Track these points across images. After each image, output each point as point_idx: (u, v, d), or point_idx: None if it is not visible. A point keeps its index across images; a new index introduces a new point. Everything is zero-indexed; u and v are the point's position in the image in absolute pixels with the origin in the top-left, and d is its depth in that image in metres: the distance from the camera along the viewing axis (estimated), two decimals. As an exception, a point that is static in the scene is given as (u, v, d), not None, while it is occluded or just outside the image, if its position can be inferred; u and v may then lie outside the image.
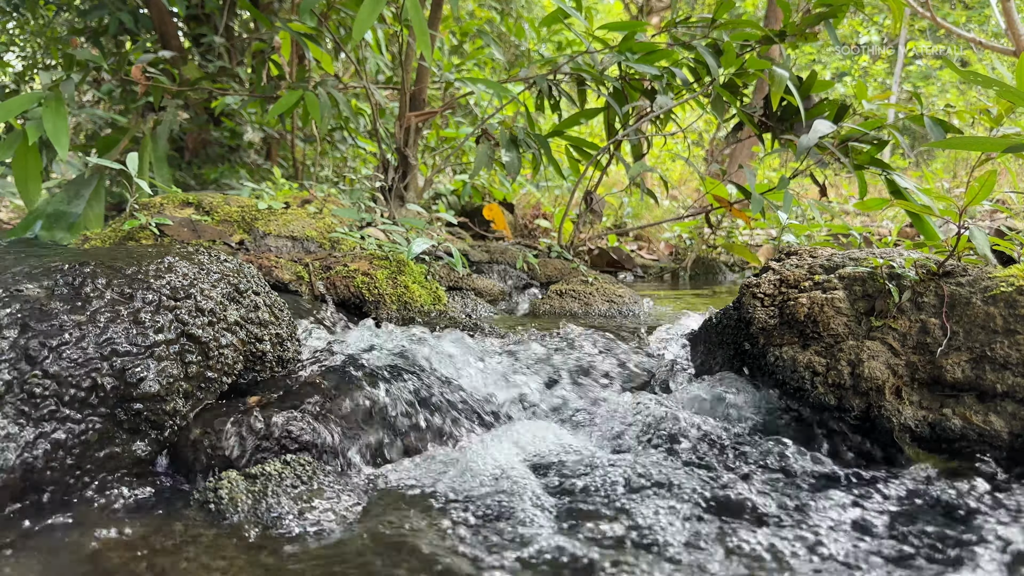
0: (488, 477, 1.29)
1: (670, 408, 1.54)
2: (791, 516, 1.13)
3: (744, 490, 1.21)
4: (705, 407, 1.62)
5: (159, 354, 1.32)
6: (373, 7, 2.67)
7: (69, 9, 6.06)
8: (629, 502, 1.16)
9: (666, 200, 8.05)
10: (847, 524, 1.10)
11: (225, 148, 5.68)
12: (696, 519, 1.11)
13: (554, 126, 3.76)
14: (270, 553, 1.00)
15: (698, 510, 1.14)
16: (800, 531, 1.08)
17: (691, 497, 1.19)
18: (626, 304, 2.88)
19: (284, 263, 2.49)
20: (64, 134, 2.90)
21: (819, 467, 1.33)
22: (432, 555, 1.00)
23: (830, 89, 3.25)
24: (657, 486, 1.23)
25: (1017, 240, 1.94)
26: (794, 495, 1.21)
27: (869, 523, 1.10)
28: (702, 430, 1.46)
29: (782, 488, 1.24)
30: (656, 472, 1.27)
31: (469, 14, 7.29)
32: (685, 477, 1.26)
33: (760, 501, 1.17)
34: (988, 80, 1.62)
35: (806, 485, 1.26)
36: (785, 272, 1.72)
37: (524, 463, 1.34)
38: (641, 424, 1.51)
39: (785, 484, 1.26)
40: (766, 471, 1.32)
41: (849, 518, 1.12)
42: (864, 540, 1.06)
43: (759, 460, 1.36)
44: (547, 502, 1.17)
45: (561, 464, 1.34)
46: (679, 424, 1.48)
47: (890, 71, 16.06)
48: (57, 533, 1.06)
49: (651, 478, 1.26)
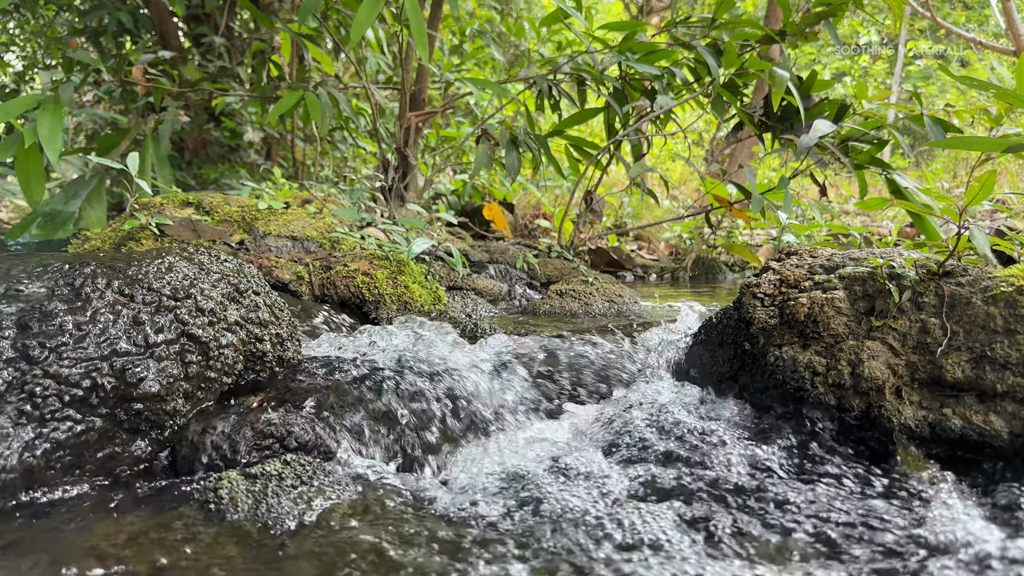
0: (490, 478, 1.29)
1: (670, 408, 1.54)
2: (791, 516, 1.13)
3: (743, 490, 1.21)
4: (705, 407, 1.62)
5: (159, 354, 1.32)
6: (372, 7, 2.67)
7: (69, 9, 6.06)
8: (614, 519, 1.16)
9: (666, 200, 8.05)
10: (847, 524, 1.10)
11: (225, 148, 5.68)
12: (696, 518, 1.11)
13: (554, 126, 3.76)
14: (270, 553, 1.00)
15: (696, 508, 1.14)
16: (800, 530, 1.08)
17: (689, 496, 1.19)
18: (626, 304, 2.88)
19: (284, 263, 2.49)
20: (57, 139, 2.90)
21: (819, 467, 1.33)
22: (433, 555, 1.00)
23: (830, 89, 3.25)
24: (655, 485, 1.23)
25: (1017, 240, 1.94)
26: (794, 495, 1.21)
27: (869, 523, 1.11)
28: (701, 430, 1.46)
29: (782, 488, 1.24)
30: (655, 471, 1.27)
31: (469, 14, 7.29)
32: (684, 476, 1.26)
33: (759, 502, 1.17)
34: (985, 84, 1.62)
35: (805, 485, 1.26)
36: (785, 272, 1.72)
37: (527, 464, 1.34)
38: (636, 425, 1.51)
39: (785, 484, 1.26)
40: (766, 471, 1.32)
41: (849, 518, 1.12)
42: (864, 539, 1.06)
43: (758, 460, 1.36)
44: (554, 508, 1.17)
45: (565, 467, 1.34)
46: (678, 424, 1.48)
47: (890, 71, 16.06)
48: (57, 533, 1.06)
49: (647, 479, 1.25)
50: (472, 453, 1.43)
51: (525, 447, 1.45)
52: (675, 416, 1.51)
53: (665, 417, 1.51)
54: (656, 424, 1.49)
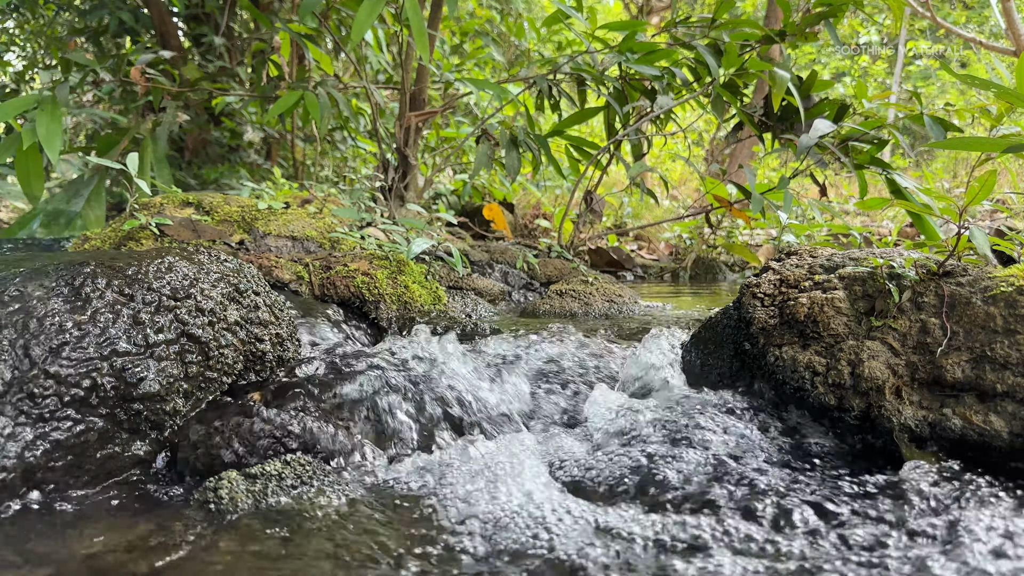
0: (491, 479, 1.29)
1: (669, 408, 1.54)
2: (790, 515, 1.13)
3: (742, 489, 1.21)
4: (703, 407, 1.62)
5: (159, 354, 1.32)
6: (372, 7, 2.67)
7: (69, 9, 6.06)
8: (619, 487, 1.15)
9: (666, 200, 8.05)
10: (846, 524, 1.10)
11: (225, 148, 5.68)
12: (693, 515, 1.11)
13: (554, 126, 3.76)
14: (270, 553, 1.00)
15: (693, 506, 1.14)
16: (800, 528, 1.08)
17: (685, 494, 1.19)
18: (626, 304, 2.88)
19: (284, 263, 2.49)
20: (56, 139, 2.90)
21: (818, 467, 1.33)
22: (434, 555, 1.00)
23: (830, 89, 3.25)
24: (652, 484, 1.23)
25: (1017, 240, 1.94)
26: (792, 495, 1.21)
27: (868, 522, 1.10)
28: (700, 429, 1.46)
29: (782, 488, 1.24)
30: (652, 472, 1.27)
31: (469, 14, 7.29)
32: (683, 475, 1.26)
33: (758, 503, 1.17)
34: (985, 83, 1.62)
35: (804, 485, 1.26)
36: (785, 272, 1.72)
37: (529, 464, 1.34)
38: (635, 424, 1.51)
39: (784, 483, 1.26)
40: (765, 471, 1.32)
41: (847, 517, 1.12)
42: (863, 538, 1.05)
43: (757, 460, 1.36)
44: (556, 516, 1.17)
45: (567, 470, 1.34)
46: (677, 424, 1.48)
47: (890, 71, 16.06)
48: (57, 533, 1.06)
49: (644, 478, 1.25)
50: (475, 453, 1.43)
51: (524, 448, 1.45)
52: (674, 416, 1.51)
53: (663, 417, 1.51)
54: (655, 424, 1.49)
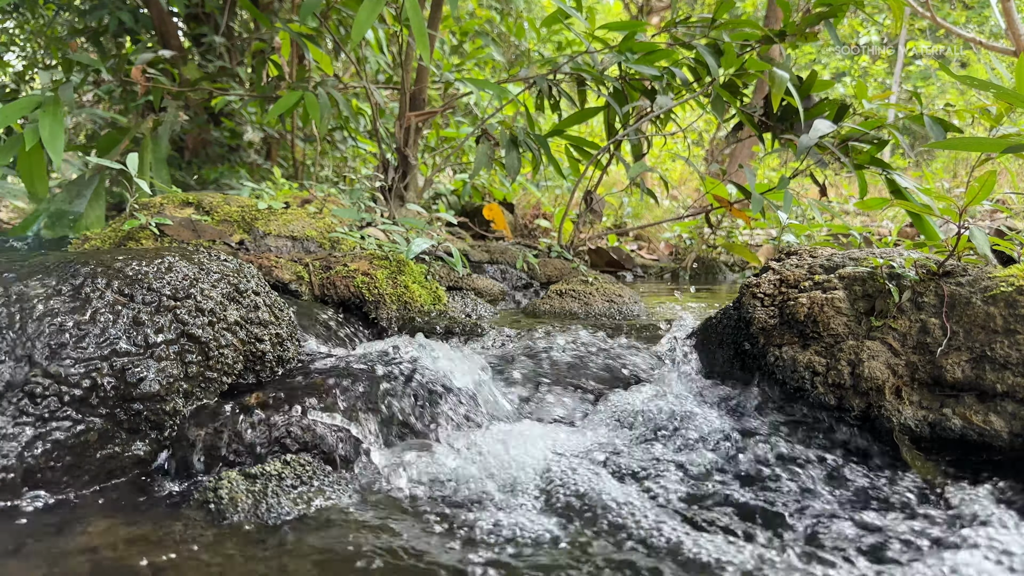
0: (491, 479, 1.29)
1: (668, 408, 1.54)
2: (789, 515, 1.13)
3: (741, 489, 1.21)
4: (703, 407, 1.62)
5: (159, 354, 1.32)
6: (372, 7, 2.67)
7: (69, 9, 6.06)
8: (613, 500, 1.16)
9: (666, 200, 8.05)
10: (845, 521, 1.10)
11: (225, 148, 5.68)
12: (692, 515, 1.11)
13: (554, 126, 3.76)
14: (270, 553, 1.00)
15: (693, 506, 1.14)
16: (799, 526, 1.08)
17: (685, 494, 1.19)
18: (626, 304, 2.88)
19: (284, 263, 2.49)
20: (60, 140, 2.90)
21: (818, 467, 1.33)
22: (433, 555, 1.00)
23: (830, 89, 3.25)
24: (649, 486, 1.23)
25: (1017, 240, 1.94)
26: (792, 494, 1.21)
27: (867, 520, 1.11)
28: (700, 429, 1.46)
29: (781, 488, 1.24)
30: (648, 471, 1.27)
31: (469, 14, 7.29)
32: (682, 474, 1.26)
33: (757, 500, 1.17)
34: (985, 83, 1.62)
35: (804, 484, 1.26)
36: (785, 272, 1.72)
37: (527, 465, 1.34)
38: (636, 424, 1.51)
39: (783, 484, 1.26)
40: (764, 470, 1.32)
41: (847, 515, 1.12)
42: (863, 537, 1.06)
43: (756, 460, 1.35)
44: (551, 521, 1.17)
45: (567, 470, 1.34)
46: (676, 424, 1.48)
47: (890, 71, 16.06)
48: (57, 532, 1.06)
49: (641, 477, 1.25)
50: (474, 451, 1.43)
51: (525, 447, 1.45)
52: (673, 416, 1.51)
53: (662, 417, 1.51)
54: (654, 424, 1.49)
